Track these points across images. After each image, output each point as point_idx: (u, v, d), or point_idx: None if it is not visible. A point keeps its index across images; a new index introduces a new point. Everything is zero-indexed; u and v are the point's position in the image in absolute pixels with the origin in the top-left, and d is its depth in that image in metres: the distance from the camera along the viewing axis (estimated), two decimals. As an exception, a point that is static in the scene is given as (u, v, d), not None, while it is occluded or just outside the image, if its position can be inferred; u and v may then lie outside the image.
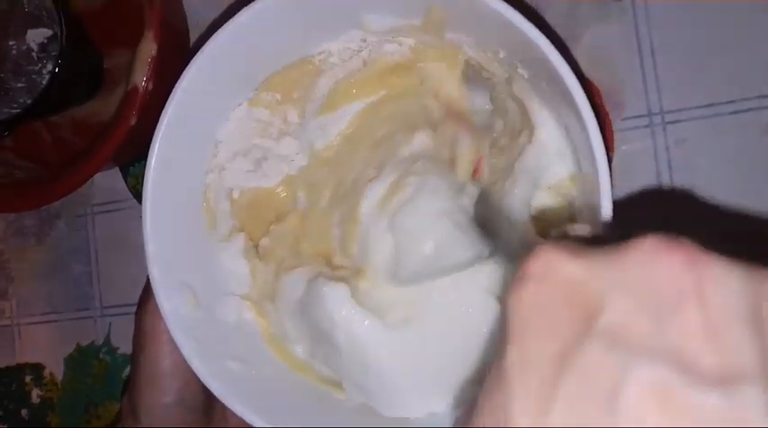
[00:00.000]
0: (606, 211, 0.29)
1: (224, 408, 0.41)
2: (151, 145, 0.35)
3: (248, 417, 0.35)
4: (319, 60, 0.39)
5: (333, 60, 0.39)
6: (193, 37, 0.50)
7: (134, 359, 0.40)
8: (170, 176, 0.36)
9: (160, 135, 0.35)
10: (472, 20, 0.33)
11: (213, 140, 0.39)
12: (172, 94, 0.35)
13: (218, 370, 0.36)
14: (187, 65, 0.48)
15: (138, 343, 0.39)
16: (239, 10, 0.34)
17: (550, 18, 0.43)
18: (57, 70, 0.44)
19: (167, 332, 0.37)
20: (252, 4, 0.33)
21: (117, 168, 0.52)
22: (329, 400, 0.38)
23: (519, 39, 0.31)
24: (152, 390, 0.38)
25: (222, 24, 0.34)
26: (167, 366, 0.38)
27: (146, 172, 0.35)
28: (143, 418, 0.39)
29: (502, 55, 0.35)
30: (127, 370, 0.52)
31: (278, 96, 0.40)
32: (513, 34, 0.31)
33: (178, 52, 0.48)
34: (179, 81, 0.35)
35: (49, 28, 0.44)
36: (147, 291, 0.37)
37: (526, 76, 0.34)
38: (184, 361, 0.37)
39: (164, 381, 0.38)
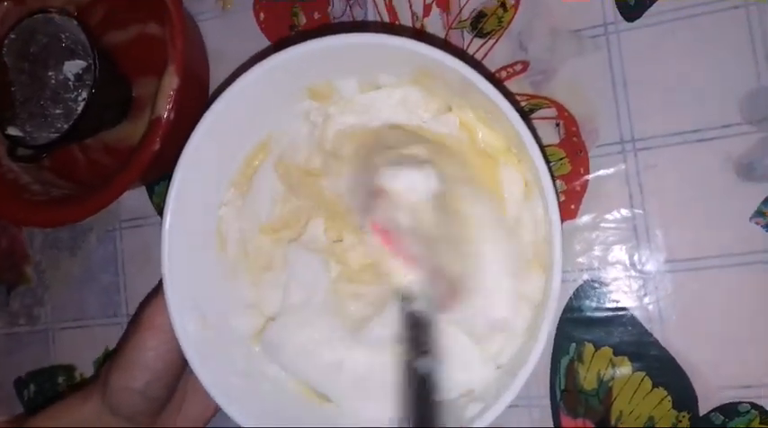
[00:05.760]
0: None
1: (180, 403, 0.45)
2: (171, 179, 0.37)
3: (243, 422, 0.37)
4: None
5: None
6: (213, 68, 0.52)
7: (121, 339, 0.42)
8: (187, 207, 0.39)
9: (179, 173, 0.37)
10: (451, 79, 0.36)
11: (227, 178, 0.42)
12: (191, 137, 0.37)
13: (222, 383, 0.38)
14: (206, 96, 0.52)
15: (130, 329, 0.41)
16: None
17: (532, 52, 0.45)
18: (91, 98, 0.47)
19: (156, 330, 0.39)
20: (259, 64, 0.36)
21: (143, 187, 0.55)
22: (320, 412, 0.40)
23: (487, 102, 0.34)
24: (123, 374, 0.41)
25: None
26: (143, 359, 0.40)
27: (165, 202, 0.38)
28: (108, 392, 0.41)
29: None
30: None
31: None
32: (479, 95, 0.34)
33: (198, 84, 0.51)
34: (193, 134, 0.37)
35: (83, 60, 0.47)
36: (158, 289, 0.39)
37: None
38: (159, 360, 0.40)
39: (136, 370, 0.40)
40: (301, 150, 0.42)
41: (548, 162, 0.33)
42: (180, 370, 0.42)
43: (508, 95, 0.35)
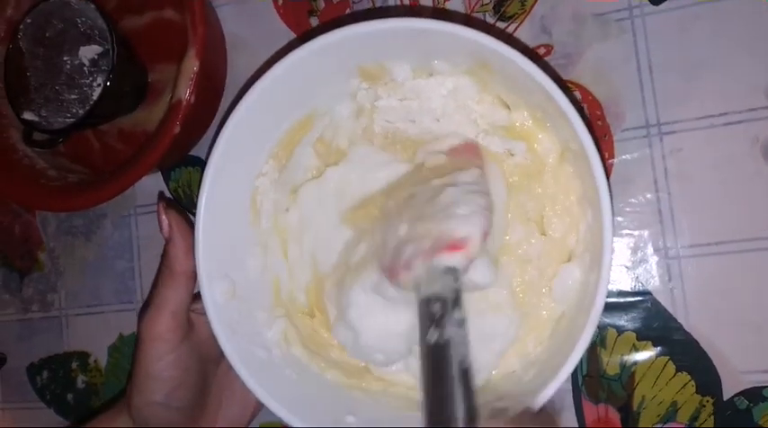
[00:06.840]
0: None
1: (217, 409, 0.44)
2: (211, 153, 0.37)
3: (265, 400, 0.37)
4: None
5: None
6: (230, 53, 0.52)
7: (132, 360, 0.42)
8: (224, 177, 0.38)
9: (222, 139, 0.37)
10: (510, 74, 0.35)
11: (267, 150, 0.41)
12: (238, 105, 0.37)
13: (246, 356, 0.38)
14: (224, 81, 0.51)
15: (135, 347, 0.41)
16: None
17: (556, 36, 0.44)
18: (107, 83, 0.47)
19: (155, 340, 0.39)
20: (311, 41, 0.35)
21: (159, 173, 0.55)
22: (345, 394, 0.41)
23: (544, 97, 0.33)
24: (141, 391, 0.40)
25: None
26: (153, 371, 0.39)
27: (205, 172, 0.37)
28: (133, 411, 0.41)
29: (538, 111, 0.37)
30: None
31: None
32: (538, 90, 0.33)
33: (217, 68, 0.51)
34: (240, 103, 0.37)
35: (100, 45, 0.47)
36: (148, 301, 0.39)
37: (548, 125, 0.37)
38: (172, 368, 0.39)
39: (151, 384, 0.40)
40: (342, 132, 0.42)
41: (607, 176, 0.33)
42: (200, 372, 0.41)
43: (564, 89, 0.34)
